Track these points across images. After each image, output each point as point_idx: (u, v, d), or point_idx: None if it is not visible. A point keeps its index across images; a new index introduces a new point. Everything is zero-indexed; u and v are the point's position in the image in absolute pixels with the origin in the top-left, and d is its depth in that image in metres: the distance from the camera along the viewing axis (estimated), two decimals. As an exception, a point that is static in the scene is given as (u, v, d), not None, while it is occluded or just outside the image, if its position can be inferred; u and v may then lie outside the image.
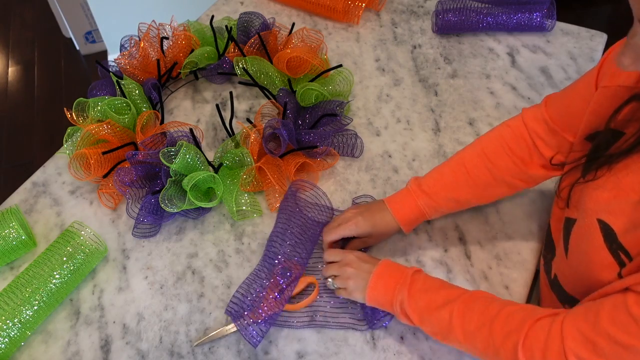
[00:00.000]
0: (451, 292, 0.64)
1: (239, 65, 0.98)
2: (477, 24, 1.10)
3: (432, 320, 0.64)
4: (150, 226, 0.81)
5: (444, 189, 0.75)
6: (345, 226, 0.75)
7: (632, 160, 0.56)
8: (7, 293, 0.70)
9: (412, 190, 0.77)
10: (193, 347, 0.70)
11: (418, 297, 0.65)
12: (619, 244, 0.55)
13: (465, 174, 0.75)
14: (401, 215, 0.76)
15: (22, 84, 2.29)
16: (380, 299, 0.68)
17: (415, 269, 0.68)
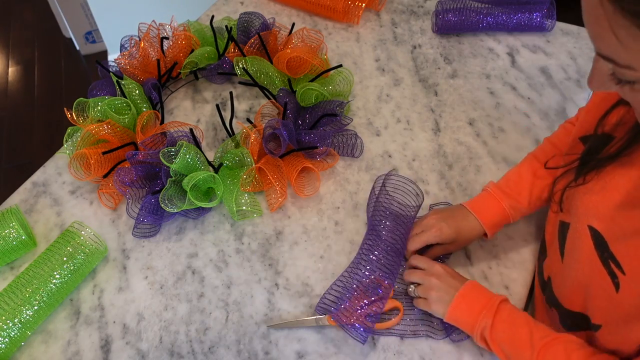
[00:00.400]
0: (535, 331, 0.61)
1: (239, 65, 0.98)
2: (477, 24, 1.10)
3: (511, 355, 0.62)
4: (150, 226, 0.81)
5: (525, 187, 0.75)
6: (430, 233, 0.73)
7: (619, 164, 0.56)
8: (7, 293, 0.70)
9: (494, 193, 0.76)
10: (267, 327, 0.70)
11: (501, 329, 0.63)
12: (610, 253, 0.55)
13: (542, 167, 0.75)
14: (486, 219, 0.74)
15: (22, 84, 2.29)
16: (461, 320, 0.66)
17: (502, 298, 0.66)
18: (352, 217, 0.83)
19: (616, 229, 0.55)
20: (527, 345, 0.60)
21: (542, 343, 0.60)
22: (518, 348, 0.61)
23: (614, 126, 0.57)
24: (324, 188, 0.87)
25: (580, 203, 0.61)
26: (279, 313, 0.73)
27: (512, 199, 0.75)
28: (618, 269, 0.54)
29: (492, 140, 0.93)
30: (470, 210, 0.75)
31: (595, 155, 0.58)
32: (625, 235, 0.54)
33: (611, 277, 0.55)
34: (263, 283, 0.76)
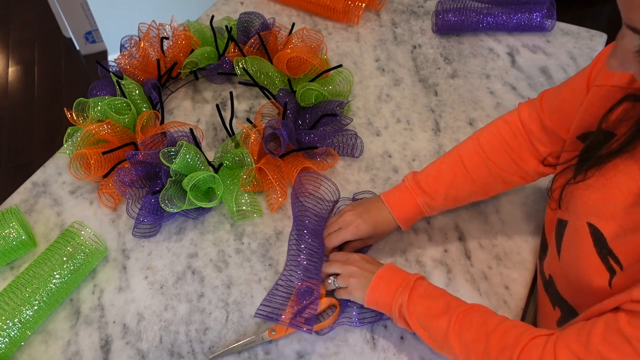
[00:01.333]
0: (451, 301, 0.64)
1: (239, 65, 0.98)
2: (477, 24, 1.10)
3: (430, 327, 0.64)
4: (150, 226, 0.81)
5: (443, 187, 0.75)
6: (347, 231, 0.75)
7: (620, 161, 0.56)
8: (7, 293, 0.70)
9: (410, 188, 0.76)
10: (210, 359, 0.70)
11: (418, 303, 0.65)
12: (609, 250, 0.55)
13: (464, 171, 0.75)
14: (400, 214, 0.76)
15: (22, 84, 2.29)
16: (379, 301, 0.68)
17: (418, 276, 0.67)
18: (352, 217, 0.83)
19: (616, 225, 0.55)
20: (444, 316, 0.62)
21: (458, 311, 0.62)
22: (435, 319, 0.63)
23: (616, 122, 0.57)
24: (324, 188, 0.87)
25: (579, 200, 0.61)
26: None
27: (427, 196, 0.75)
28: (617, 264, 0.54)
29: (492, 140, 0.93)
30: (386, 204, 0.76)
31: (596, 152, 0.58)
32: (626, 231, 0.54)
33: (610, 273, 0.55)
34: (263, 283, 0.76)
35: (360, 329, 0.72)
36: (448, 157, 0.77)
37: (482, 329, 0.60)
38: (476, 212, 0.84)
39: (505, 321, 0.60)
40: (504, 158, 0.74)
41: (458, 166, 0.75)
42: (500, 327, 0.59)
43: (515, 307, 0.74)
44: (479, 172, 0.74)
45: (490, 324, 0.60)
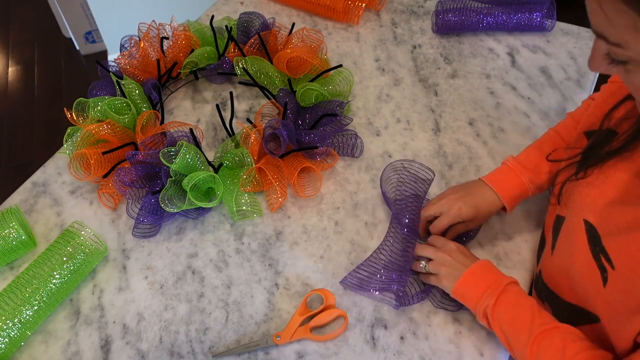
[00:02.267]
0: (537, 317, 0.61)
1: (239, 65, 0.98)
2: (477, 24, 1.10)
3: (510, 337, 0.62)
4: (150, 226, 0.81)
5: (546, 163, 0.74)
6: (449, 215, 0.74)
7: (620, 159, 0.56)
8: (7, 293, 0.70)
9: (513, 167, 0.75)
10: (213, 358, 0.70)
11: (503, 310, 0.63)
12: (602, 247, 0.55)
13: (564, 145, 0.74)
14: (505, 193, 0.74)
15: (22, 84, 2.29)
16: (466, 295, 0.67)
17: (511, 280, 0.66)
18: (352, 217, 0.83)
19: (610, 223, 0.56)
20: (525, 329, 0.61)
21: (540, 329, 0.60)
22: (517, 331, 0.62)
23: (619, 121, 0.57)
24: (324, 188, 0.87)
25: (577, 197, 0.61)
26: (279, 313, 0.73)
27: (531, 172, 0.74)
28: (608, 264, 0.54)
29: (492, 140, 0.93)
30: (489, 184, 0.75)
31: (598, 151, 0.58)
32: (619, 230, 0.54)
33: (600, 271, 0.55)
34: (263, 283, 0.76)
35: (360, 329, 0.72)
36: (546, 136, 0.78)
37: (558, 354, 0.58)
38: (476, 212, 0.84)
39: (586, 350, 0.57)
40: None
41: (558, 141, 0.76)
42: (578, 357, 0.57)
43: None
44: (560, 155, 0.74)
45: (568, 351, 0.57)
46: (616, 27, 0.41)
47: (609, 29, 0.42)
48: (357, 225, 0.82)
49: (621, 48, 0.42)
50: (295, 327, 0.71)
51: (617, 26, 0.41)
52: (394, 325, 0.72)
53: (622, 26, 0.41)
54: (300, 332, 0.71)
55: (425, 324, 0.72)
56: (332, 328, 0.72)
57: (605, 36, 0.43)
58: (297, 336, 0.70)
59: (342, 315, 0.72)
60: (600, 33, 0.43)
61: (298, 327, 0.71)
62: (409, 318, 0.73)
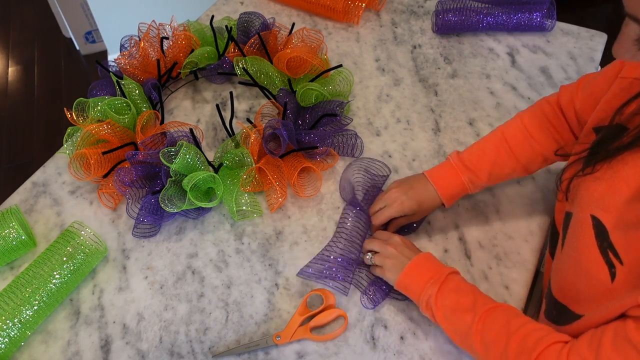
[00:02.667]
0: (479, 299, 0.64)
1: (239, 65, 0.98)
2: (477, 24, 1.10)
3: (454, 321, 0.64)
4: (150, 226, 0.81)
5: (487, 165, 0.76)
6: (392, 208, 0.76)
7: (629, 155, 0.56)
8: (7, 293, 0.70)
9: (455, 165, 0.77)
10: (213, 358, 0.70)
11: (447, 296, 0.65)
12: (610, 243, 0.55)
13: (508, 149, 0.76)
14: (444, 191, 0.77)
15: (22, 84, 2.29)
16: (409, 287, 0.69)
17: (452, 270, 0.68)
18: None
19: (619, 219, 0.55)
20: (469, 311, 0.63)
21: (484, 309, 0.62)
22: (460, 313, 0.64)
23: (630, 116, 0.56)
24: (324, 188, 0.87)
25: (585, 192, 0.61)
26: (279, 313, 0.73)
27: (472, 173, 0.77)
28: (616, 259, 0.54)
29: (492, 140, 0.93)
30: (430, 181, 0.78)
31: (607, 146, 0.58)
32: (628, 225, 0.54)
33: (608, 267, 0.55)
34: (263, 283, 0.76)
35: (360, 329, 0.72)
36: (492, 137, 0.79)
37: (504, 329, 0.60)
38: (476, 212, 0.84)
39: (528, 324, 0.60)
40: (547, 136, 0.75)
41: (502, 144, 0.77)
42: (522, 330, 0.59)
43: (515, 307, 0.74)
44: (523, 150, 0.76)
45: (512, 325, 0.60)
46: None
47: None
48: (357, 225, 0.82)
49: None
50: (295, 327, 0.71)
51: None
52: (394, 325, 0.72)
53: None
54: (300, 332, 0.71)
55: (425, 324, 0.72)
56: (332, 328, 0.72)
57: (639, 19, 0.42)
58: (297, 336, 0.70)
59: (342, 315, 0.72)
60: (634, 16, 0.43)
61: (298, 327, 0.71)
62: (409, 318, 0.73)
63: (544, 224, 0.82)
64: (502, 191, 0.86)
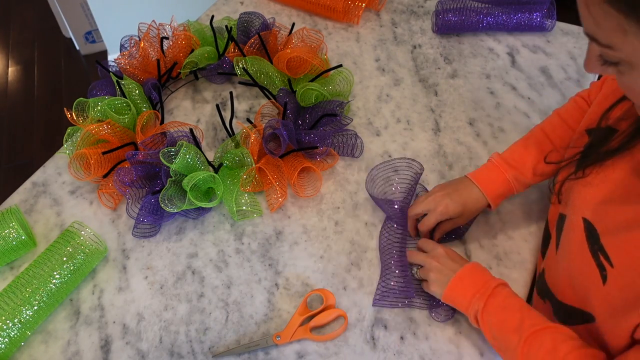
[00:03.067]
0: (526, 318, 0.62)
1: (239, 65, 0.98)
2: (477, 24, 1.10)
3: (500, 340, 0.63)
4: (150, 226, 0.81)
5: (531, 161, 0.75)
6: (436, 212, 0.74)
7: (619, 159, 0.56)
8: (7, 293, 0.70)
9: (498, 164, 0.76)
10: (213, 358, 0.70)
11: (493, 313, 0.64)
12: (600, 246, 0.55)
13: (550, 144, 0.75)
14: (490, 190, 0.75)
15: (22, 84, 2.29)
16: (456, 301, 0.68)
17: (500, 282, 0.66)
18: (352, 217, 0.83)
19: (608, 222, 0.56)
20: (515, 331, 0.61)
21: (530, 331, 0.60)
22: (506, 333, 0.62)
23: (617, 120, 0.57)
24: (324, 188, 0.87)
25: (577, 195, 0.61)
26: (279, 313, 0.73)
27: (516, 170, 0.75)
28: (607, 262, 0.54)
29: (492, 140, 0.93)
30: (474, 181, 0.76)
31: (597, 149, 0.58)
32: (617, 228, 0.54)
33: (599, 269, 0.55)
34: (263, 283, 0.76)
35: (360, 329, 0.72)
36: (532, 134, 0.78)
37: (549, 355, 0.58)
38: (476, 212, 0.84)
39: (577, 350, 0.57)
40: None
41: (543, 139, 0.76)
42: (569, 357, 0.57)
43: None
44: (564, 143, 0.75)
45: (559, 351, 0.57)
46: (604, 29, 0.42)
47: (598, 31, 0.43)
48: (357, 225, 0.82)
49: (611, 49, 0.43)
50: (295, 327, 0.71)
51: (605, 28, 0.42)
52: (394, 325, 0.72)
53: (609, 28, 0.41)
54: (300, 332, 0.71)
55: (425, 324, 0.72)
56: (332, 328, 0.72)
57: (596, 38, 0.43)
58: (297, 336, 0.70)
59: (342, 315, 0.72)
60: (591, 35, 0.44)
61: (298, 327, 0.71)
62: (409, 318, 0.73)
63: (544, 224, 0.82)
64: (502, 191, 0.86)
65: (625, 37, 0.40)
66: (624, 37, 0.40)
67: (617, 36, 0.41)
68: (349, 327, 0.72)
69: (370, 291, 0.75)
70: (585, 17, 0.43)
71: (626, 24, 0.39)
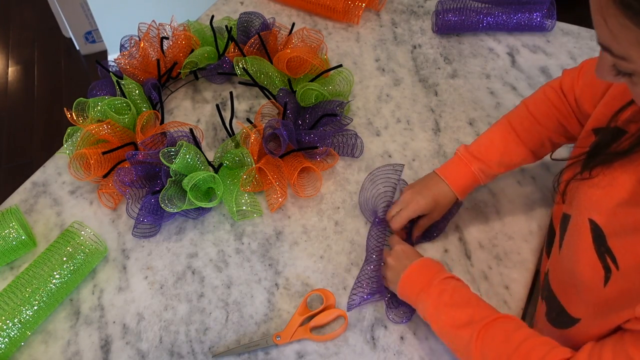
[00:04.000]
0: (476, 312, 0.62)
1: (239, 65, 0.98)
2: (477, 24, 1.10)
3: (452, 338, 0.63)
4: (150, 226, 0.81)
5: (496, 154, 0.76)
6: (409, 209, 0.76)
7: (628, 161, 0.56)
8: (7, 293, 0.70)
9: (464, 157, 0.77)
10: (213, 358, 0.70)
11: (442, 311, 0.64)
12: (607, 248, 0.55)
13: (516, 137, 0.76)
14: (457, 185, 0.77)
15: (22, 84, 2.29)
16: (409, 299, 0.69)
17: (445, 276, 0.66)
18: (352, 217, 0.83)
19: (616, 224, 0.55)
20: (467, 326, 0.61)
21: (482, 324, 0.60)
22: (458, 329, 0.62)
23: (626, 122, 0.56)
24: (324, 188, 0.87)
25: (584, 196, 0.61)
26: (279, 313, 0.73)
27: (482, 162, 0.76)
28: (613, 264, 0.54)
29: (492, 140, 0.93)
30: (442, 177, 0.77)
31: (604, 149, 0.58)
32: (626, 231, 0.54)
33: (605, 271, 0.55)
34: (263, 283, 0.76)
35: (360, 329, 0.72)
36: (498, 126, 0.79)
37: (504, 345, 0.58)
38: (476, 212, 0.84)
39: (530, 338, 0.58)
40: (552, 121, 0.75)
41: (509, 133, 0.77)
42: (523, 346, 0.57)
43: (515, 307, 0.74)
44: (530, 137, 0.76)
45: (513, 341, 0.58)
46: (620, 42, 0.42)
47: (614, 43, 0.42)
48: (357, 225, 0.82)
49: (626, 61, 0.43)
50: (295, 327, 0.71)
51: (622, 41, 0.41)
52: (394, 325, 0.72)
53: (626, 41, 0.41)
54: (300, 332, 0.71)
55: (425, 324, 0.72)
56: (332, 328, 0.72)
57: (611, 49, 0.43)
58: (297, 336, 0.70)
59: (342, 315, 0.72)
60: (605, 46, 0.44)
61: (298, 327, 0.71)
62: (409, 318, 0.73)
63: (544, 224, 0.82)
64: (502, 191, 0.86)
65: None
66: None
67: (633, 49, 0.41)
68: (349, 327, 0.72)
69: (370, 291, 0.75)
70: (601, 28, 0.43)
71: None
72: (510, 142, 0.76)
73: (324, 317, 0.72)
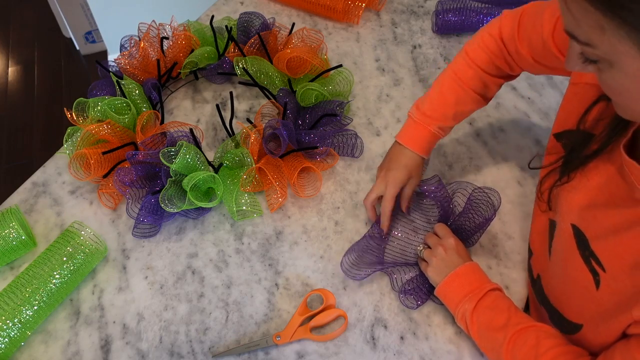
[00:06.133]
0: (513, 317, 0.64)
1: (239, 65, 0.98)
2: (477, 24, 1.10)
3: (487, 338, 0.65)
4: (150, 226, 0.81)
5: (450, 108, 0.77)
6: (390, 188, 0.77)
7: (600, 162, 0.56)
8: (7, 293, 0.70)
9: (420, 121, 0.78)
10: (212, 358, 0.70)
11: (482, 312, 0.65)
12: (591, 251, 0.56)
13: (463, 87, 0.77)
14: (420, 147, 0.78)
15: (22, 84, 2.29)
16: (448, 297, 0.69)
17: (493, 286, 0.68)
18: (352, 217, 0.83)
19: (596, 226, 0.56)
20: (501, 329, 0.63)
21: (516, 329, 0.62)
22: (493, 331, 0.64)
23: (594, 122, 0.57)
24: (324, 188, 0.87)
25: (564, 201, 0.61)
26: (279, 313, 0.73)
27: (438, 120, 0.78)
28: (599, 267, 0.55)
29: (492, 140, 0.93)
30: (404, 144, 0.79)
31: (578, 154, 0.58)
32: (606, 233, 0.54)
33: (592, 274, 0.56)
34: (263, 283, 0.76)
35: (360, 329, 0.72)
36: (445, 78, 0.79)
37: (532, 350, 0.60)
38: (476, 212, 0.84)
39: (558, 346, 0.59)
40: (493, 67, 0.76)
41: (457, 84, 0.77)
42: (550, 353, 0.59)
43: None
44: (477, 84, 0.77)
45: (541, 347, 0.59)
46: (583, 27, 0.42)
47: (577, 29, 0.42)
48: (357, 225, 0.82)
49: (590, 47, 0.43)
50: (295, 327, 0.71)
51: (584, 25, 0.41)
52: (394, 325, 0.72)
53: (588, 25, 0.41)
54: (300, 332, 0.71)
55: (425, 324, 0.72)
56: (332, 328, 0.72)
57: (575, 36, 0.43)
58: (297, 336, 0.70)
59: (342, 315, 0.72)
60: (570, 32, 0.44)
61: (298, 327, 0.71)
62: (409, 318, 0.73)
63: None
64: (502, 191, 0.86)
65: (604, 34, 0.40)
66: (602, 35, 0.40)
67: (596, 33, 0.41)
68: (349, 327, 0.72)
69: (370, 291, 0.75)
70: (565, 14, 0.43)
71: (604, 21, 0.39)
72: (460, 93, 0.77)
73: (324, 317, 0.72)
